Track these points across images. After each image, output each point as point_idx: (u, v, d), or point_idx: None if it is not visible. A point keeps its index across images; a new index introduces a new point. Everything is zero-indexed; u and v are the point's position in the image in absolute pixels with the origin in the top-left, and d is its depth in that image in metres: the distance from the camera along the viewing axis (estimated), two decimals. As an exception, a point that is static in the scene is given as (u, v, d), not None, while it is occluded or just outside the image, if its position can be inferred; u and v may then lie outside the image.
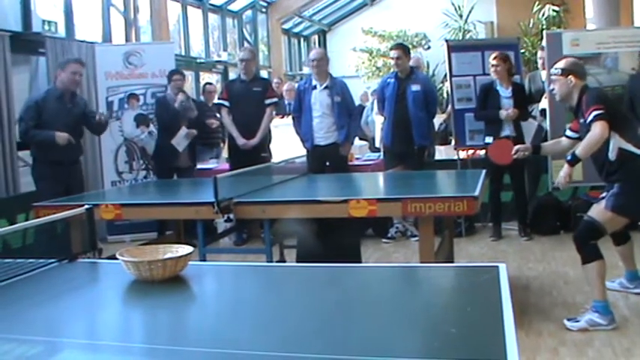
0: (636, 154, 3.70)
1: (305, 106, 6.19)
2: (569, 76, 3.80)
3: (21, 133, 5.19)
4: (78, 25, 7.57)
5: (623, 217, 3.79)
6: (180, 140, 6.33)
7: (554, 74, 3.88)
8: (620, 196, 3.69)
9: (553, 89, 3.94)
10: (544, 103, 6.48)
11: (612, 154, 3.71)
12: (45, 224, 2.85)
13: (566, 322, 3.77)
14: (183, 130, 6.33)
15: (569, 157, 3.75)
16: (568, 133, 4.07)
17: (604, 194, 3.81)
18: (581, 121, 3.78)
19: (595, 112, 3.62)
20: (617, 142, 3.70)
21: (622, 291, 4.30)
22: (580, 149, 3.72)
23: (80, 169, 5.55)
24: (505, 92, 6.10)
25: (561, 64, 3.90)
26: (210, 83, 8.71)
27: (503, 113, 5.98)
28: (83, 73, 5.50)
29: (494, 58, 6.10)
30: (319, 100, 6.14)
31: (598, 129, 3.60)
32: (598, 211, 3.78)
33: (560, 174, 3.80)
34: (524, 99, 6.26)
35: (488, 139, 6.09)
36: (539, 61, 6.97)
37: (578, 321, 3.73)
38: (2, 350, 1.63)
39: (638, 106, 5.64)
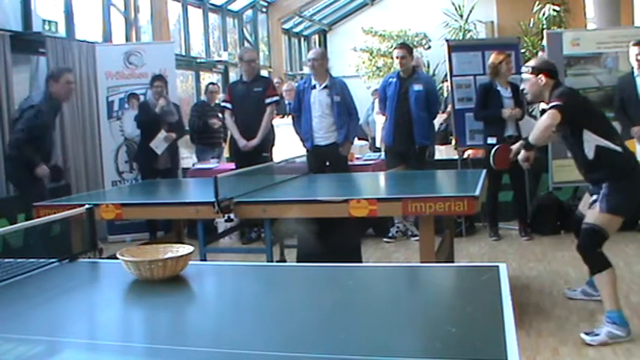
0: (612, 149, 3.63)
1: (304, 105, 6.19)
2: (540, 75, 3.75)
3: (16, 140, 5.21)
4: (78, 24, 7.56)
5: (621, 216, 3.66)
6: (159, 143, 6.39)
7: (525, 72, 3.83)
8: (612, 196, 3.59)
9: (524, 89, 3.90)
10: (543, 104, 6.48)
11: (590, 153, 3.64)
12: (45, 224, 2.85)
13: (584, 336, 3.54)
14: (162, 134, 6.39)
15: (527, 144, 3.83)
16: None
17: (594, 197, 3.72)
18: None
19: (552, 103, 3.62)
20: (592, 141, 3.63)
21: (585, 299, 4.16)
22: (531, 136, 3.77)
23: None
24: (505, 92, 6.10)
25: (532, 62, 3.87)
26: (213, 83, 8.71)
27: (506, 112, 5.98)
28: (73, 80, 5.57)
29: (507, 56, 6.09)
30: (319, 99, 6.13)
31: (546, 117, 3.61)
32: (596, 216, 3.65)
33: (520, 157, 3.88)
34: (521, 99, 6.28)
35: (491, 140, 6.08)
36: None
37: (597, 335, 3.53)
38: (2, 350, 1.63)
39: (629, 106, 5.65)
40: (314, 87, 6.17)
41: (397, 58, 6.21)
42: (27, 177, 5.23)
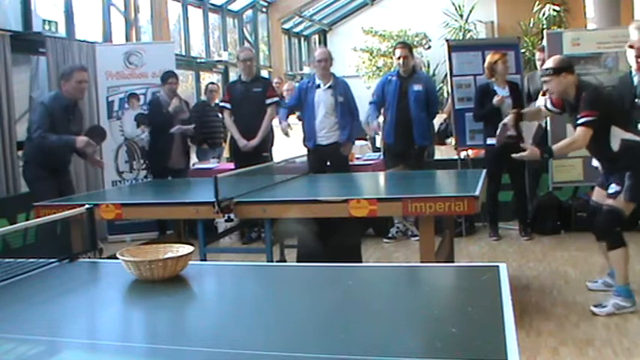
0: (636, 141, 3.93)
1: (307, 105, 6.19)
2: (562, 74, 3.97)
3: (38, 138, 4.99)
4: (78, 24, 7.56)
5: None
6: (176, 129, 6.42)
7: (546, 74, 4.04)
8: (636, 186, 3.89)
9: (548, 89, 4.13)
10: (540, 101, 6.48)
11: (615, 146, 3.92)
12: (45, 224, 2.85)
13: (593, 308, 3.94)
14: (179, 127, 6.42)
15: (545, 152, 4.11)
16: (548, 105, 4.27)
17: (616, 188, 3.95)
18: (577, 116, 3.95)
19: (585, 119, 3.86)
20: (618, 135, 3.91)
21: (606, 290, 4.25)
22: (558, 147, 4.08)
23: (70, 177, 5.49)
24: (503, 92, 6.10)
25: (550, 63, 4.07)
26: (212, 83, 8.71)
27: (497, 99, 5.97)
28: (88, 78, 5.41)
29: (503, 55, 6.09)
30: (323, 99, 6.13)
31: (581, 139, 3.91)
32: (619, 203, 3.94)
33: (527, 152, 4.01)
34: (521, 98, 6.27)
35: (491, 140, 6.07)
36: (538, 63, 6.98)
37: (605, 307, 3.92)
38: (2, 350, 1.63)
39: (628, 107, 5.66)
40: (318, 86, 6.17)
41: (398, 58, 6.19)
42: (40, 175, 5.10)
